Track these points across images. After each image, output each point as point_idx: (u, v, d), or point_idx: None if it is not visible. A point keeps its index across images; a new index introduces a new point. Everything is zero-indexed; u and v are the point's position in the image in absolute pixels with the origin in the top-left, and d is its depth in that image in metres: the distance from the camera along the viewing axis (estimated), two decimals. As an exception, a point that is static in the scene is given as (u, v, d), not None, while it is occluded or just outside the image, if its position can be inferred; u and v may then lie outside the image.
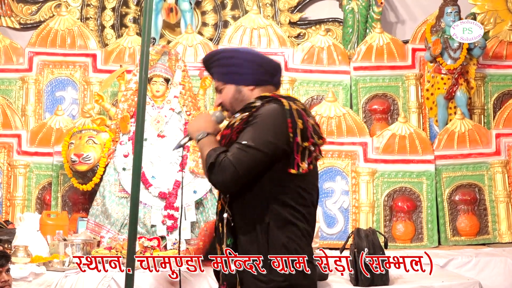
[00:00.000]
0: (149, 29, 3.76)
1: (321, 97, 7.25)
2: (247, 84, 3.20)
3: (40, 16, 8.20)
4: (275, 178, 3.03)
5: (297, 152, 3.02)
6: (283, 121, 3.02)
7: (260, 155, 2.98)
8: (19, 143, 6.79)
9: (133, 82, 6.36)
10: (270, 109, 3.06)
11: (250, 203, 3.05)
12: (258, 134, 3.00)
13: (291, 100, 3.10)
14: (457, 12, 7.12)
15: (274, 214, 3.03)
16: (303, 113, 3.07)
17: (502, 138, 6.81)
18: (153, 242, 5.70)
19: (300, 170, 3.01)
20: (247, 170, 2.98)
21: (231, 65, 3.21)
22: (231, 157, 2.97)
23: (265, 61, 3.23)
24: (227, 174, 2.97)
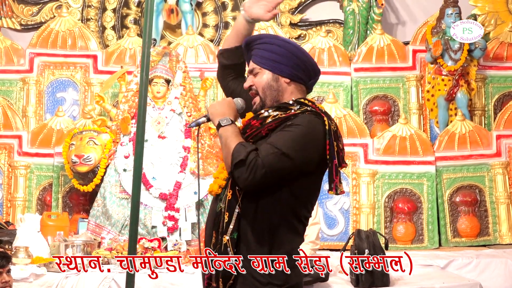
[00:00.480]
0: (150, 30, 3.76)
1: (321, 98, 7.25)
2: (284, 75, 3.14)
3: (41, 17, 8.21)
4: (296, 192, 3.04)
5: (336, 174, 3.06)
6: (322, 141, 3.02)
7: (290, 166, 2.97)
8: (20, 144, 6.79)
9: (134, 83, 6.36)
10: (312, 122, 3.03)
11: (264, 206, 3.03)
12: (295, 144, 2.97)
13: (329, 118, 3.07)
14: (458, 13, 7.13)
15: (284, 222, 3.04)
16: (339, 134, 3.10)
17: (503, 139, 6.81)
18: (153, 243, 5.70)
19: (338, 192, 3.07)
20: (275, 176, 2.97)
21: (274, 52, 3.14)
22: (264, 160, 2.94)
23: (308, 60, 3.17)
24: (257, 175, 2.95)
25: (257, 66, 3.16)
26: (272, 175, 2.95)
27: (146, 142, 5.97)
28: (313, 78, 3.21)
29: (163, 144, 6.16)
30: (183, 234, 5.90)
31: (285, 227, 3.04)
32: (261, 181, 2.95)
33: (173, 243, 5.82)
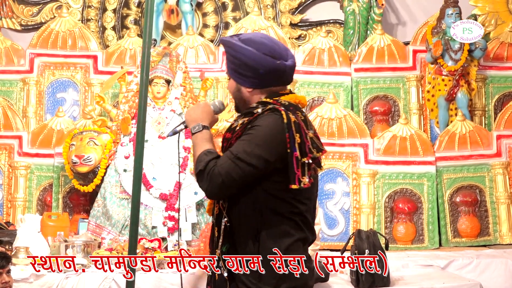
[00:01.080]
0: (150, 30, 3.76)
1: (322, 99, 7.25)
2: (246, 86, 3.15)
3: (41, 18, 8.21)
4: (271, 190, 3.02)
5: (298, 167, 2.98)
6: (281, 136, 2.98)
7: (250, 170, 2.96)
8: (20, 145, 6.79)
9: (134, 83, 6.36)
10: (268, 121, 3.02)
11: (245, 211, 3.04)
12: (252, 147, 2.97)
13: (291, 111, 3.04)
14: (458, 13, 7.13)
15: (267, 224, 3.02)
16: (302, 125, 3.03)
17: (503, 139, 6.81)
18: (154, 244, 5.69)
19: (301, 184, 2.98)
20: (235, 183, 2.97)
21: (234, 62, 3.15)
22: (220, 168, 2.96)
23: (268, 68, 3.11)
24: (214, 185, 2.97)
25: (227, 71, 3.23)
26: (230, 182, 2.96)
27: (146, 143, 5.97)
28: (280, 77, 3.15)
29: (164, 145, 6.15)
30: (183, 234, 5.90)
31: (269, 228, 3.02)
32: (221, 189, 2.98)
33: (173, 244, 5.82)
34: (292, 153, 2.97)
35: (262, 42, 3.15)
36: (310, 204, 3.14)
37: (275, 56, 3.12)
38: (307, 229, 3.12)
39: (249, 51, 3.11)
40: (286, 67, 3.14)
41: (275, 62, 3.12)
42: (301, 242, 3.10)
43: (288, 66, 3.15)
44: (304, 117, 3.08)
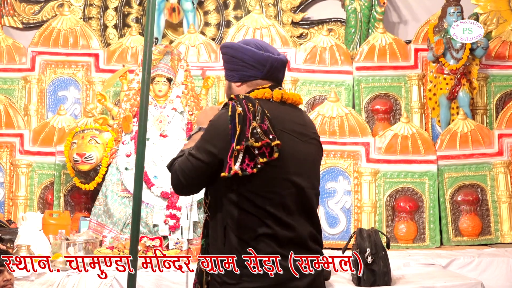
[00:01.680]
0: (151, 29, 3.75)
1: (323, 97, 7.25)
2: (234, 80, 3.25)
3: (43, 16, 8.22)
4: (229, 184, 3.06)
5: (231, 156, 3.02)
6: (225, 128, 3.06)
7: (198, 164, 3.07)
8: (22, 143, 6.79)
9: (136, 81, 6.36)
10: (217, 115, 3.14)
11: (215, 206, 3.13)
12: (201, 142, 3.10)
13: (241, 103, 3.09)
14: (460, 12, 7.12)
15: (231, 218, 3.06)
16: (248, 116, 3.06)
17: (505, 138, 6.80)
18: (155, 242, 5.70)
19: (230, 172, 3.00)
20: (189, 178, 3.09)
21: (225, 62, 3.29)
22: (177, 165, 3.12)
23: (251, 56, 3.21)
24: (173, 180, 3.13)
25: None
26: (185, 178, 3.08)
27: (148, 141, 5.97)
28: (264, 67, 3.21)
29: (165, 143, 6.15)
30: (185, 232, 5.90)
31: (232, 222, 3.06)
32: (179, 185, 3.11)
33: (175, 242, 5.82)
34: (230, 144, 3.04)
35: (252, 39, 3.36)
36: (278, 198, 3.08)
37: (260, 49, 3.22)
38: (277, 225, 3.06)
39: (237, 45, 3.24)
40: (270, 58, 3.20)
41: (259, 52, 3.21)
42: (268, 237, 3.05)
43: (273, 58, 3.20)
44: (254, 109, 3.09)
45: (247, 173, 3.01)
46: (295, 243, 3.09)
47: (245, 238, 3.04)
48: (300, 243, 3.11)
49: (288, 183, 3.10)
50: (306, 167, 3.17)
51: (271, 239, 3.05)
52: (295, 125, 3.17)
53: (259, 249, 3.03)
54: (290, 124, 3.15)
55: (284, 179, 3.09)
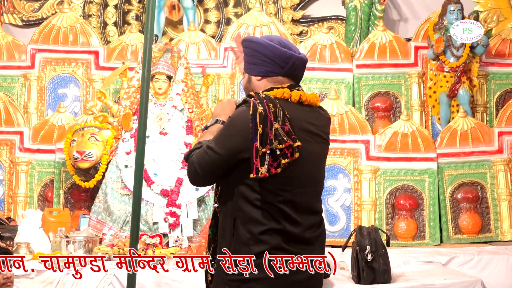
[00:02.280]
0: (151, 26, 3.75)
1: (323, 95, 7.24)
2: (255, 74, 3.32)
3: (43, 13, 8.21)
4: (242, 178, 3.16)
5: (256, 157, 3.11)
6: (246, 126, 3.13)
7: (216, 157, 3.15)
8: (21, 140, 6.79)
9: (136, 79, 6.36)
10: (237, 112, 3.20)
11: (226, 198, 3.23)
12: (221, 137, 3.18)
13: (262, 102, 3.16)
14: (460, 10, 7.11)
15: (241, 211, 3.17)
16: (269, 116, 3.14)
17: (505, 136, 6.80)
18: (155, 240, 5.70)
19: (259, 174, 3.10)
20: (206, 171, 3.19)
21: (246, 55, 3.35)
22: (195, 157, 3.20)
23: (274, 53, 3.29)
24: (189, 172, 3.23)
25: None
26: (202, 170, 3.18)
27: (148, 139, 5.97)
28: (285, 66, 3.31)
29: (165, 141, 6.15)
30: (185, 230, 5.90)
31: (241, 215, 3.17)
32: (195, 176, 3.22)
33: (175, 240, 5.82)
34: (253, 143, 3.11)
35: (275, 36, 3.48)
36: (289, 195, 3.19)
37: (284, 46, 3.32)
38: (286, 221, 3.18)
39: (261, 40, 3.33)
40: (293, 57, 3.31)
41: (283, 50, 3.30)
42: (277, 233, 3.16)
43: (295, 56, 3.32)
44: (275, 110, 3.17)
45: (271, 173, 3.12)
46: (300, 239, 3.21)
47: (254, 231, 3.14)
48: (305, 240, 3.22)
49: (300, 182, 3.22)
50: (317, 166, 3.33)
51: (279, 234, 3.16)
52: (310, 126, 3.30)
53: (266, 240, 3.14)
54: (306, 125, 3.28)
55: (296, 178, 3.21)
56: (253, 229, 3.14)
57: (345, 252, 5.35)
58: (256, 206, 3.15)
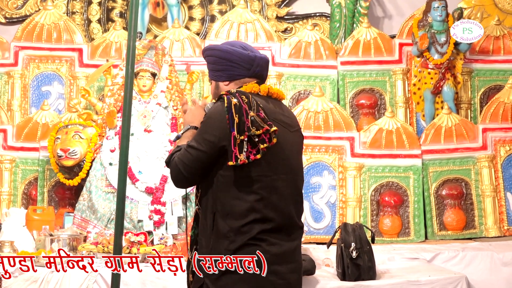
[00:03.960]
0: (135, 23, 3.74)
1: (308, 92, 7.25)
2: (222, 80, 3.47)
3: (26, 10, 8.16)
4: (222, 171, 3.26)
5: (235, 145, 3.20)
6: (222, 118, 3.24)
7: (198, 154, 3.24)
8: (5, 138, 6.75)
9: (120, 76, 6.34)
10: (212, 109, 3.33)
11: (206, 195, 3.31)
12: (199, 134, 3.29)
13: (234, 95, 3.28)
14: (444, 7, 7.13)
15: (221, 204, 3.25)
16: (243, 106, 3.25)
17: (489, 132, 6.82)
18: (139, 237, 5.68)
19: (238, 161, 3.19)
20: (190, 170, 3.26)
21: (210, 63, 3.50)
22: (177, 158, 3.28)
23: (238, 57, 3.44)
24: (174, 174, 3.32)
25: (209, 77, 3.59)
26: (186, 170, 3.26)
27: (132, 136, 5.95)
28: (251, 66, 3.45)
29: (149, 138, 6.14)
30: (170, 228, 5.89)
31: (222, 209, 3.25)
32: (180, 177, 3.30)
33: (159, 237, 5.80)
34: (231, 133, 3.21)
35: (235, 41, 3.73)
36: (269, 181, 3.28)
37: (246, 49, 3.47)
38: (265, 207, 3.26)
39: (224, 46, 3.48)
40: (256, 58, 3.46)
41: (246, 52, 3.45)
42: (257, 222, 3.24)
43: (258, 57, 3.47)
44: (249, 100, 3.29)
45: (251, 160, 3.21)
46: (281, 226, 3.29)
47: (234, 223, 3.22)
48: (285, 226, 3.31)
49: (279, 168, 3.31)
50: (294, 155, 3.43)
51: (260, 223, 3.24)
52: (283, 117, 3.42)
53: (246, 231, 3.22)
54: (279, 116, 3.40)
55: (275, 164, 3.30)
56: (233, 221, 3.21)
57: (330, 249, 5.36)
58: (236, 197, 3.23)
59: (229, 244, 3.20)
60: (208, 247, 3.25)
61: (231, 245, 3.20)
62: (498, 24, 7.68)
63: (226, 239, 3.21)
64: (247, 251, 3.20)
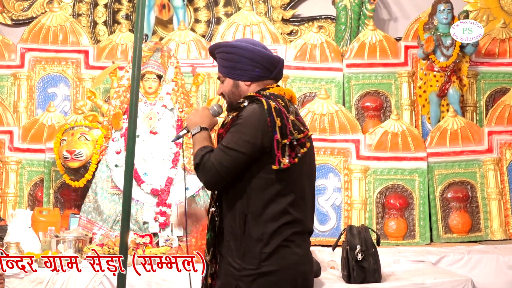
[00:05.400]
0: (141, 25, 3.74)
1: (313, 94, 7.25)
2: (244, 79, 3.37)
3: (32, 12, 8.18)
4: (259, 173, 3.21)
5: (278, 148, 3.17)
6: (263, 120, 3.19)
7: (239, 156, 3.17)
8: (11, 140, 6.77)
9: (126, 78, 6.35)
10: (250, 110, 3.24)
11: (233, 198, 3.24)
12: (238, 135, 3.19)
13: (271, 99, 3.24)
14: (450, 9, 7.13)
15: (254, 207, 3.20)
16: (282, 110, 3.23)
17: (494, 135, 6.82)
18: (145, 239, 5.69)
19: (281, 165, 3.16)
20: (228, 171, 3.18)
21: (230, 60, 3.37)
22: (213, 159, 3.18)
23: (263, 57, 3.37)
24: (210, 175, 3.20)
25: (220, 74, 3.46)
26: (224, 171, 3.18)
27: (138, 138, 5.96)
28: (274, 69, 3.40)
29: (155, 140, 6.15)
30: (175, 230, 5.90)
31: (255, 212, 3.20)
32: (216, 179, 3.21)
33: (165, 239, 5.81)
34: (273, 136, 3.17)
35: (253, 40, 3.55)
36: (300, 185, 3.28)
37: (266, 49, 3.42)
38: (298, 211, 3.26)
39: (247, 45, 3.38)
40: (280, 60, 3.42)
41: (269, 53, 3.40)
42: (288, 224, 3.23)
43: (282, 59, 3.44)
44: (285, 104, 3.28)
45: (291, 163, 3.19)
46: (305, 228, 3.31)
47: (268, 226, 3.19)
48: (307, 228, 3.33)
49: (305, 172, 3.31)
50: (313, 159, 3.43)
51: (291, 225, 3.22)
52: (303, 121, 3.41)
53: (280, 233, 3.20)
54: (302, 119, 3.40)
55: (303, 168, 3.29)
56: (267, 224, 3.18)
57: (336, 251, 5.36)
58: (271, 200, 3.20)
59: (264, 247, 3.18)
60: (240, 250, 3.21)
61: (266, 248, 3.18)
62: (504, 27, 7.68)
63: (260, 242, 3.18)
64: (281, 253, 3.20)
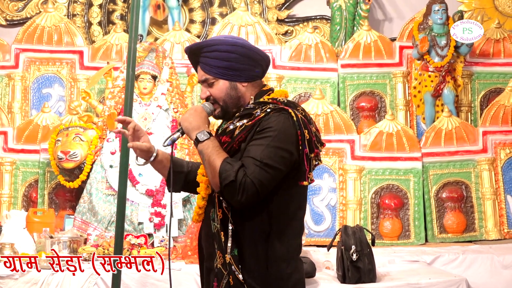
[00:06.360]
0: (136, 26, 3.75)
1: (308, 95, 7.25)
2: (242, 80, 3.09)
3: (27, 13, 8.17)
4: (278, 189, 2.97)
5: (307, 163, 2.99)
6: (294, 133, 2.96)
7: (277, 174, 2.93)
8: (5, 140, 6.75)
9: (120, 79, 6.35)
10: (280, 121, 2.96)
11: (253, 214, 2.98)
12: (274, 150, 2.91)
13: (293, 107, 3.02)
14: (445, 10, 7.14)
15: (277, 224, 2.99)
16: (306, 121, 3.01)
17: (489, 135, 6.83)
18: (140, 240, 5.68)
19: (309, 181, 3.02)
20: (267, 190, 2.92)
21: (227, 60, 3.06)
22: (252, 177, 2.88)
23: (261, 55, 3.12)
24: (249, 195, 2.88)
25: (210, 76, 3.09)
26: (263, 191, 2.90)
27: (133, 138, 5.94)
28: (267, 67, 3.17)
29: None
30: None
31: (278, 230, 3.00)
32: (255, 198, 2.90)
33: (160, 240, 5.81)
34: (303, 150, 2.97)
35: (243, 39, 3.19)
36: (306, 200, 3.18)
37: (260, 50, 3.15)
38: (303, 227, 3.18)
39: (246, 42, 3.12)
40: (269, 61, 3.18)
41: (264, 53, 3.14)
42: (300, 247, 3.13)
43: (269, 61, 3.20)
44: (304, 113, 3.05)
45: None
46: None
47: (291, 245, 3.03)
48: None
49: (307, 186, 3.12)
50: None
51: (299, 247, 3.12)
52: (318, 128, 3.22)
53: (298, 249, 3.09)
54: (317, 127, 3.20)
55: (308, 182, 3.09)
56: (290, 242, 3.02)
57: (330, 252, 5.36)
58: (293, 217, 3.04)
59: (287, 266, 3.00)
60: (261, 271, 2.97)
61: (289, 267, 3.01)
62: (499, 27, 7.69)
63: (284, 261, 2.99)
64: (300, 266, 3.07)
